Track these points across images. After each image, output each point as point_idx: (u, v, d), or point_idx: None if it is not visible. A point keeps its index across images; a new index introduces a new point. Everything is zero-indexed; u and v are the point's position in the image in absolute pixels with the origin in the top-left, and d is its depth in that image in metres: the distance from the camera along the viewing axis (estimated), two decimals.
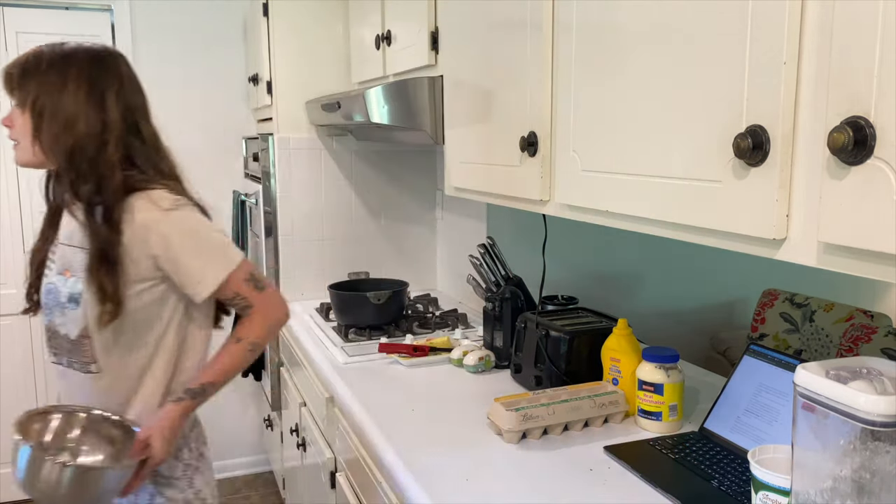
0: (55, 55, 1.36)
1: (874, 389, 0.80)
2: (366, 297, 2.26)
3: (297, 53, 2.68)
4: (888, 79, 0.71)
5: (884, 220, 0.73)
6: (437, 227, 2.93)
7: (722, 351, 2.88)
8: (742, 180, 0.92)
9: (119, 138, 1.37)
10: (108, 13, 3.08)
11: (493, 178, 1.63)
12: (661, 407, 1.46)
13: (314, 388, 2.15)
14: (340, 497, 1.89)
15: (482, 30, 1.64)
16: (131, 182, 1.36)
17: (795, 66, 0.84)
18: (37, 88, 1.34)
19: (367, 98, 1.89)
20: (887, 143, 0.72)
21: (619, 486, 1.26)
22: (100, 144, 1.35)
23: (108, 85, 1.38)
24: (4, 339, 3.13)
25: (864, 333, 2.43)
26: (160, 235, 1.34)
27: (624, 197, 1.18)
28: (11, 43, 2.97)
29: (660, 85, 1.08)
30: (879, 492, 0.80)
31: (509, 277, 1.99)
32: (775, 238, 0.89)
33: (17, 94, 1.37)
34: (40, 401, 3.19)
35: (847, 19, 0.76)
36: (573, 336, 1.65)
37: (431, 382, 1.83)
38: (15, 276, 3.10)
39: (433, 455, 1.40)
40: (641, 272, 2.70)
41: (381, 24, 2.27)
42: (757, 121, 0.89)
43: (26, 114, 1.35)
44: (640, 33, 1.12)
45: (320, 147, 2.75)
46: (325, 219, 2.79)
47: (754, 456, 1.05)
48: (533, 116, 1.44)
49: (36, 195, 3.07)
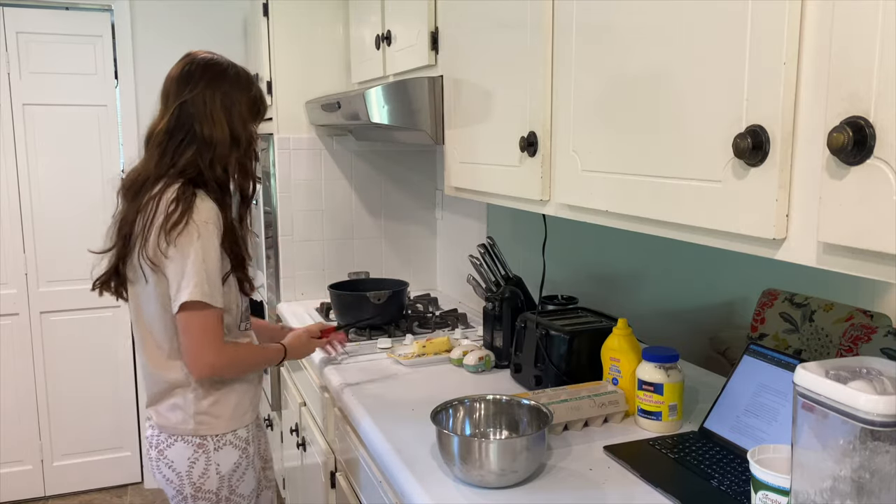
0: None
1: (874, 389, 0.80)
2: (366, 297, 2.26)
3: (298, 53, 2.68)
4: (888, 79, 0.72)
5: (883, 220, 0.73)
6: (437, 227, 2.93)
7: (722, 351, 2.88)
8: (742, 180, 0.92)
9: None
10: (108, 13, 3.08)
11: (493, 178, 1.63)
12: (660, 407, 1.46)
13: (314, 388, 2.15)
14: (340, 497, 1.89)
15: (482, 30, 1.64)
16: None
17: (795, 67, 0.85)
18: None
19: (367, 98, 1.89)
20: (887, 143, 0.72)
21: (618, 486, 1.26)
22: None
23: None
24: (4, 339, 3.13)
25: (863, 333, 2.43)
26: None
27: (624, 197, 1.18)
28: (11, 43, 2.98)
29: (659, 85, 1.08)
30: (879, 492, 0.80)
31: (509, 277, 1.99)
32: (775, 238, 0.89)
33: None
34: (40, 401, 3.20)
35: (847, 20, 0.76)
36: (573, 336, 1.65)
37: (431, 382, 1.83)
38: (15, 276, 3.10)
39: (433, 455, 1.40)
40: (641, 272, 2.70)
41: (380, 24, 2.27)
42: (757, 121, 0.89)
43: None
44: (639, 34, 1.12)
45: (320, 147, 2.75)
46: (325, 219, 2.79)
47: (754, 455, 1.06)
48: (533, 116, 1.44)
49: (36, 195, 3.07)
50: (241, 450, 1.59)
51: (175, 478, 1.56)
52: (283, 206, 2.72)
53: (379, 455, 1.46)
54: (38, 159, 3.08)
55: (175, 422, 1.55)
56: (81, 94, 3.09)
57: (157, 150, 1.52)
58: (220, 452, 1.56)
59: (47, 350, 3.19)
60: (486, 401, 1.46)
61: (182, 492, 1.56)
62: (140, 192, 1.51)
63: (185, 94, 1.52)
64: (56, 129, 3.08)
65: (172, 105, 1.52)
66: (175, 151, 1.51)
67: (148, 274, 1.48)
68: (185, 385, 1.54)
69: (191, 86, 1.52)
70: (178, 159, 1.51)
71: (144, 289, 1.51)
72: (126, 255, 1.52)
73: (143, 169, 1.53)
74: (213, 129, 1.51)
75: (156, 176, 1.51)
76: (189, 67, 1.54)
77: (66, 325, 3.20)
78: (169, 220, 1.44)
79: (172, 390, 1.55)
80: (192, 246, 1.44)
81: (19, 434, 3.19)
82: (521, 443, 1.25)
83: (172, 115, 1.52)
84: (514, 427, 1.44)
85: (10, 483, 3.22)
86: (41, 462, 3.24)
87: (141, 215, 1.48)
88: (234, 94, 1.54)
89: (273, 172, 2.71)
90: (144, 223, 1.47)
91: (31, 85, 3.02)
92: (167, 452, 1.56)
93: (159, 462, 1.57)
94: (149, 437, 1.61)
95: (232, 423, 1.58)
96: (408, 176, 2.88)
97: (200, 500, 1.56)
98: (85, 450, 3.30)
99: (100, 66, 3.11)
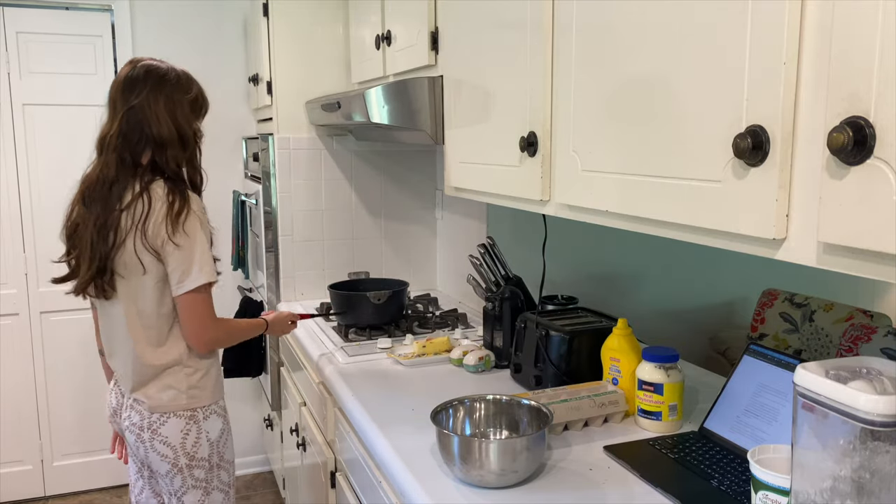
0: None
1: (874, 389, 0.80)
2: (366, 297, 2.27)
3: (298, 53, 2.68)
4: (888, 79, 0.72)
5: (883, 220, 0.73)
6: (437, 227, 2.93)
7: (722, 351, 2.88)
8: (742, 180, 0.92)
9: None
10: (108, 13, 3.08)
11: (492, 178, 1.63)
12: (660, 407, 1.47)
13: (314, 388, 2.15)
14: (340, 497, 1.89)
15: (482, 30, 1.64)
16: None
17: (795, 67, 0.85)
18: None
19: (367, 98, 1.89)
20: (887, 143, 0.72)
21: (618, 486, 1.26)
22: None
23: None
24: (4, 339, 3.13)
25: (863, 333, 2.43)
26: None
27: (624, 197, 1.18)
28: (11, 43, 2.97)
29: (659, 85, 1.08)
30: (879, 491, 0.80)
31: (509, 277, 1.99)
32: (775, 238, 0.89)
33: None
34: (40, 401, 3.20)
35: (846, 20, 0.76)
36: (573, 336, 1.65)
37: (431, 382, 1.83)
38: (15, 276, 3.10)
39: (433, 455, 1.40)
40: (641, 272, 2.70)
41: (381, 24, 2.27)
42: (757, 121, 0.89)
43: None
44: (640, 33, 1.12)
45: (320, 147, 2.75)
46: (325, 219, 2.79)
47: (754, 455, 1.06)
48: (533, 116, 1.44)
49: (36, 195, 3.07)
50: (223, 418, 1.78)
51: (170, 452, 1.69)
52: (283, 206, 2.72)
53: (379, 455, 1.46)
54: (38, 159, 3.08)
55: (167, 400, 1.69)
56: (81, 94, 3.09)
57: (114, 155, 1.63)
58: (208, 421, 1.73)
59: (47, 350, 3.19)
60: (486, 401, 1.46)
61: (177, 463, 1.70)
62: (109, 195, 1.61)
63: (131, 99, 1.63)
64: (56, 129, 3.08)
65: (121, 111, 1.64)
66: (133, 153, 1.63)
67: (148, 263, 1.60)
68: (177, 365, 1.69)
69: (136, 91, 1.64)
70: (139, 160, 1.64)
71: (140, 280, 1.62)
72: (110, 252, 1.60)
73: (104, 173, 1.63)
74: (160, 129, 1.63)
75: (123, 178, 1.62)
76: (132, 74, 1.66)
77: (66, 325, 3.20)
78: (173, 210, 1.58)
79: (162, 373, 1.68)
80: (199, 232, 1.62)
81: (19, 434, 3.19)
82: (521, 443, 1.25)
83: (122, 120, 1.63)
84: (514, 427, 1.44)
85: (10, 483, 3.22)
86: (41, 462, 3.24)
87: (127, 213, 1.59)
88: (175, 96, 1.67)
89: (273, 172, 2.71)
90: (137, 218, 1.58)
91: (31, 85, 3.02)
92: (161, 430, 1.69)
93: (153, 441, 1.69)
94: (137, 422, 1.70)
95: (214, 394, 1.76)
96: (408, 176, 2.88)
97: (196, 469, 1.72)
98: (85, 450, 3.30)
99: (100, 66, 3.10)
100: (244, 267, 3.19)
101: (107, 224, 1.60)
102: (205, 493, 1.74)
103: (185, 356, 1.69)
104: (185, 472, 1.71)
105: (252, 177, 3.08)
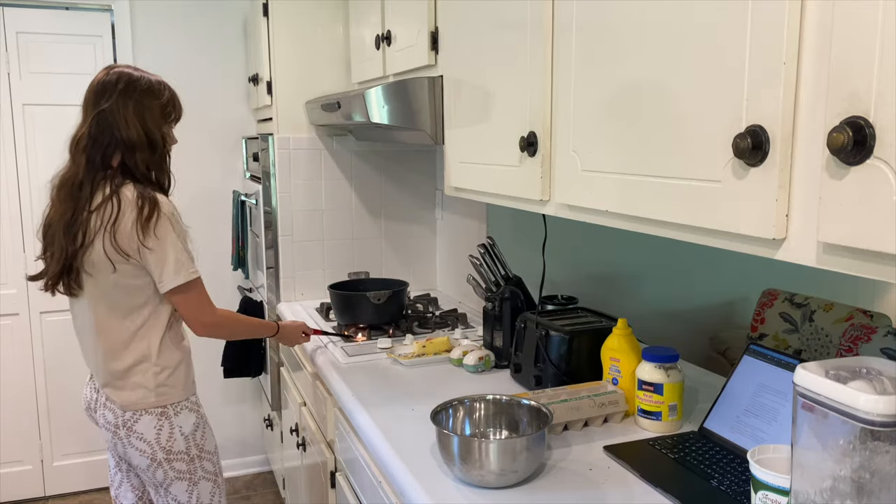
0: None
1: (874, 389, 0.80)
2: (366, 297, 2.27)
3: (298, 53, 2.68)
4: (887, 79, 0.72)
5: (883, 219, 0.73)
6: (437, 227, 2.93)
7: (722, 351, 2.88)
8: (742, 180, 0.92)
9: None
10: (108, 13, 3.08)
11: (492, 178, 1.63)
12: (660, 407, 1.47)
13: (314, 388, 2.15)
14: (340, 497, 1.89)
15: (482, 30, 1.64)
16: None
17: (795, 67, 0.85)
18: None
19: (367, 98, 1.89)
20: (887, 143, 0.72)
21: (618, 486, 1.26)
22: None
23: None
24: (4, 339, 3.13)
25: (863, 333, 2.43)
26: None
27: (624, 197, 1.18)
28: (11, 43, 2.97)
29: (659, 85, 1.08)
30: (879, 492, 0.80)
31: (509, 277, 1.99)
32: (775, 238, 0.89)
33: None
34: (40, 401, 3.20)
35: (846, 20, 0.76)
36: (573, 336, 1.65)
37: (431, 382, 1.83)
38: (15, 276, 3.10)
39: (433, 455, 1.40)
40: (641, 272, 2.70)
41: (380, 24, 2.27)
42: (756, 121, 0.89)
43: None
44: (639, 34, 1.12)
45: (320, 147, 2.75)
46: (325, 219, 2.79)
47: (754, 455, 1.06)
48: (533, 116, 1.44)
49: (36, 195, 3.07)
50: (195, 412, 1.82)
51: (147, 447, 1.75)
52: (283, 206, 2.72)
53: (379, 455, 1.46)
54: (38, 159, 3.08)
55: (136, 399, 1.74)
56: (81, 94, 3.07)
57: (83, 156, 1.69)
58: (180, 416, 1.78)
59: (47, 350, 3.19)
60: (486, 401, 1.46)
61: (155, 458, 1.75)
62: (79, 195, 1.66)
63: (101, 103, 1.70)
64: (56, 129, 3.07)
65: (91, 114, 1.70)
66: (104, 155, 1.69)
67: (117, 262, 1.65)
68: (145, 362, 1.74)
69: (107, 96, 1.70)
70: (109, 161, 1.69)
71: (108, 278, 1.68)
72: (77, 251, 1.65)
73: (74, 173, 1.69)
74: (129, 132, 1.69)
75: (91, 178, 1.67)
76: (105, 79, 1.72)
77: (66, 325, 3.18)
78: (142, 215, 1.63)
79: (130, 370, 1.73)
80: (170, 235, 1.67)
81: (19, 434, 3.19)
82: (521, 443, 1.25)
83: (93, 123, 1.69)
84: (514, 427, 1.44)
85: (10, 483, 3.22)
86: (41, 462, 3.24)
87: (97, 214, 1.64)
88: (145, 101, 1.72)
89: (273, 172, 2.71)
90: (106, 220, 1.63)
91: (31, 85, 3.02)
92: (136, 427, 1.75)
93: (130, 437, 1.75)
94: (111, 420, 1.76)
95: (185, 390, 1.80)
96: (408, 176, 2.88)
97: (175, 462, 1.77)
98: (85, 450, 3.30)
99: (100, 66, 3.08)
100: (244, 267, 3.19)
101: (76, 223, 1.65)
102: (191, 484, 1.80)
103: (152, 354, 1.74)
104: (164, 466, 1.76)
105: (252, 177, 3.08)
